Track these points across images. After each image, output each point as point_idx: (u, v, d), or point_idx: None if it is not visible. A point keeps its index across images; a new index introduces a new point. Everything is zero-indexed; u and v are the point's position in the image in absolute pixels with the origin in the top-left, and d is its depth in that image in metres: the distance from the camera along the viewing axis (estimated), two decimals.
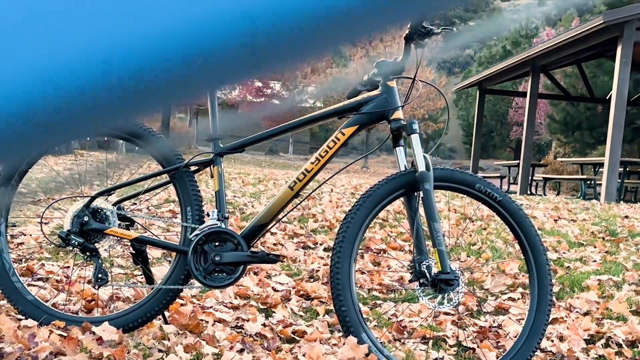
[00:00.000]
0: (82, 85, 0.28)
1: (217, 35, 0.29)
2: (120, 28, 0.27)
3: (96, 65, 0.27)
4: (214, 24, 0.28)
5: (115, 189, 3.04)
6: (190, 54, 0.28)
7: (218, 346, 2.92)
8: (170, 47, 0.28)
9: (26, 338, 2.68)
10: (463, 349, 3.28)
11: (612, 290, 4.46)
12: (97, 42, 0.27)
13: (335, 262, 2.80)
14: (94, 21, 0.27)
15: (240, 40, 0.29)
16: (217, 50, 0.29)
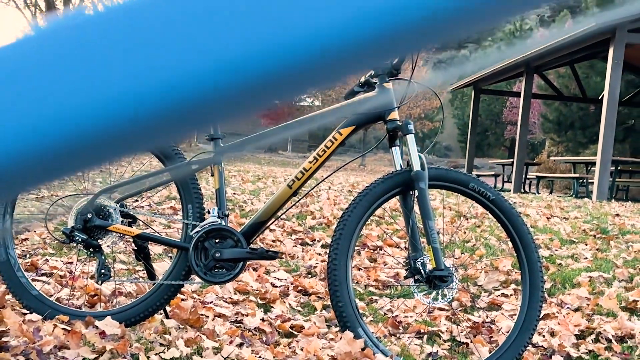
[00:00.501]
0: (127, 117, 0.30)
1: (237, 79, 0.30)
2: (153, 77, 0.28)
3: (133, 103, 0.29)
4: (236, 69, 0.30)
5: (118, 187, 3.05)
6: (212, 98, 0.30)
7: (218, 340, 2.93)
8: (197, 91, 0.30)
9: (31, 332, 2.69)
10: (457, 344, 3.29)
11: (602, 287, 4.48)
12: (139, 86, 0.28)
13: (333, 259, 2.81)
14: (137, 71, 0.29)
15: (260, 83, 0.31)
16: (235, 93, 0.31)
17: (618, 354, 3.25)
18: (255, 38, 0.30)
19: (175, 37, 0.30)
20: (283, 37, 0.31)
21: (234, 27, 0.30)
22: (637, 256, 5.46)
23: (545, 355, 3.17)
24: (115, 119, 0.29)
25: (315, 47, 0.32)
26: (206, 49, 0.29)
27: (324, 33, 0.32)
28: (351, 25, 0.32)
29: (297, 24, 0.31)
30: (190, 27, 0.29)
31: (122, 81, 0.29)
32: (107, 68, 0.29)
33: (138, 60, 0.30)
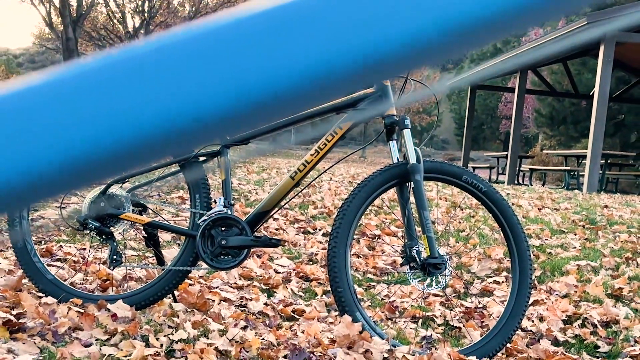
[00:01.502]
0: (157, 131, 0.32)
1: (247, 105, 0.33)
2: (174, 105, 0.31)
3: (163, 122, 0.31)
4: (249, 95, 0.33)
5: (129, 177, 3.07)
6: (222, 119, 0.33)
7: (223, 323, 2.95)
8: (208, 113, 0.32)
9: (47, 314, 2.71)
10: (450, 328, 3.32)
11: (589, 275, 4.50)
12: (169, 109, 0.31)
13: (332, 247, 2.83)
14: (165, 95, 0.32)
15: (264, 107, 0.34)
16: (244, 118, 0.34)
17: (603, 338, 3.28)
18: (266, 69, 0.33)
19: (194, 72, 0.33)
20: (291, 71, 0.33)
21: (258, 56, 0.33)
22: (624, 246, 5.47)
23: (534, 339, 3.19)
24: (151, 135, 0.32)
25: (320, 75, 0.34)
26: (220, 80, 0.32)
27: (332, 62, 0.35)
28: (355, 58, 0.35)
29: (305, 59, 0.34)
30: (209, 62, 0.32)
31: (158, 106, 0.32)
32: (145, 98, 0.32)
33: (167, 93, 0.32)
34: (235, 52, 0.33)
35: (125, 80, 0.32)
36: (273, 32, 0.33)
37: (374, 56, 0.35)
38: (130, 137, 0.31)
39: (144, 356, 2.40)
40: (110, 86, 0.31)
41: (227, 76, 0.33)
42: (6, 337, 2.48)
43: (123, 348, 2.49)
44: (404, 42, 0.36)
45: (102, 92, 0.31)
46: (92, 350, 2.44)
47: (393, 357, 2.65)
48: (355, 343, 2.70)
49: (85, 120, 0.30)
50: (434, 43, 0.37)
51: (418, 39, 0.36)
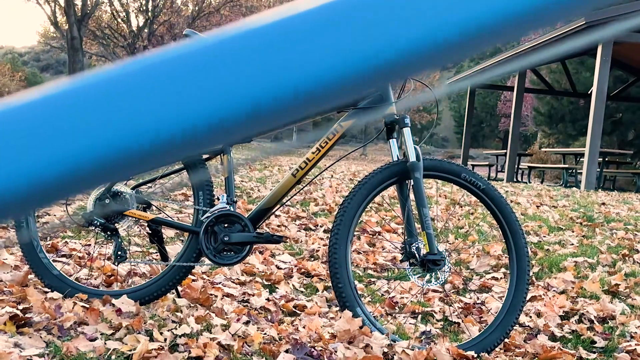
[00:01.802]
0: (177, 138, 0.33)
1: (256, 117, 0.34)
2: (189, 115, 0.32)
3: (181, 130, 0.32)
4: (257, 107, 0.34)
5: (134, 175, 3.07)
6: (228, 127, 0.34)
7: (226, 318, 2.96)
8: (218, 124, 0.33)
9: (52, 309, 2.72)
10: (449, 323, 3.32)
11: (586, 271, 4.50)
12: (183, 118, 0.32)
13: (333, 244, 2.83)
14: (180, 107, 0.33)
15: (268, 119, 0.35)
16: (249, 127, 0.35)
17: (599, 333, 3.29)
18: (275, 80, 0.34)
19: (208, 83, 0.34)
20: (297, 81, 0.34)
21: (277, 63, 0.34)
22: (621, 243, 5.48)
23: (531, 334, 3.20)
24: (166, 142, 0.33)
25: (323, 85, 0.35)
26: (230, 92, 0.33)
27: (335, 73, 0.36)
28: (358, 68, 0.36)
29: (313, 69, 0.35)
30: (224, 73, 0.33)
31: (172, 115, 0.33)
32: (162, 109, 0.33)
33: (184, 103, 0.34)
34: (250, 61, 0.34)
35: (142, 88, 0.33)
36: (287, 41, 0.35)
37: (381, 63, 0.36)
38: (147, 142, 0.32)
39: (148, 350, 2.41)
40: (128, 94, 0.33)
41: (241, 84, 0.34)
42: (13, 332, 2.49)
43: (127, 342, 2.51)
44: (409, 49, 0.37)
45: (121, 99, 0.32)
46: (97, 345, 2.45)
47: (393, 351, 2.66)
48: (355, 338, 2.70)
49: (104, 127, 0.31)
50: (437, 49, 0.38)
51: (422, 46, 0.37)
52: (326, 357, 2.53)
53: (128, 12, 27.72)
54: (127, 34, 26.97)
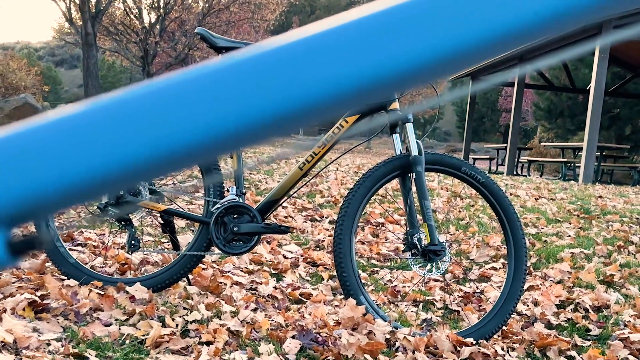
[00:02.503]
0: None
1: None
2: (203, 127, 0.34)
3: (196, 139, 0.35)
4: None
5: None
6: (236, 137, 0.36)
7: (235, 305, 2.98)
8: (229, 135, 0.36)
9: (69, 295, 2.74)
10: (449, 311, 3.34)
11: (583, 262, 4.51)
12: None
13: (338, 234, 2.85)
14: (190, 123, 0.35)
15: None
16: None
17: (594, 322, 3.30)
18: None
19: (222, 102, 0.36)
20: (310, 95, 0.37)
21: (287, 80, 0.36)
22: (616, 234, 5.49)
23: (528, 322, 3.21)
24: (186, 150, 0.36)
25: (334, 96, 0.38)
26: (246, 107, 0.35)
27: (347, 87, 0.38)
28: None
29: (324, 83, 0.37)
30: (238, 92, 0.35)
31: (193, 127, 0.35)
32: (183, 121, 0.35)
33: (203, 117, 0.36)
34: (277, 76, 0.36)
35: (174, 102, 0.35)
36: (310, 56, 0.37)
37: (394, 75, 0.39)
38: (176, 148, 0.35)
39: (160, 335, 2.43)
40: (160, 108, 0.35)
41: (267, 96, 0.36)
42: (31, 317, 2.52)
43: (141, 328, 2.53)
44: (412, 65, 0.39)
45: (157, 111, 0.35)
46: (112, 330, 2.48)
47: (395, 338, 2.67)
48: (359, 325, 2.72)
49: (141, 134, 0.34)
50: (437, 65, 0.40)
51: (423, 62, 0.39)
52: (331, 343, 2.55)
53: (140, 8, 27.69)
54: (139, 30, 26.93)
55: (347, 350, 2.47)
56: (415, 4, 0.38)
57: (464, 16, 0.38)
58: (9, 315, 2.44)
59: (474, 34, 0.39)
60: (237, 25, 28.87)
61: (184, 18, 26.83)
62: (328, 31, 0.38)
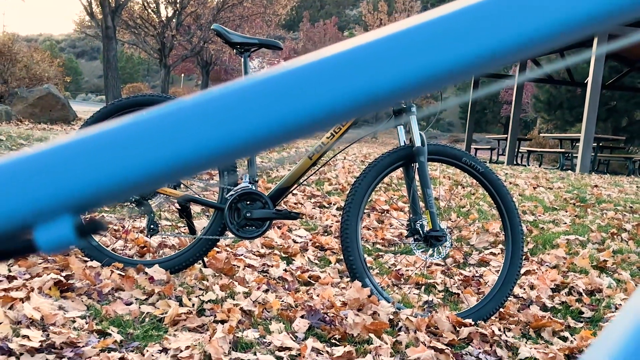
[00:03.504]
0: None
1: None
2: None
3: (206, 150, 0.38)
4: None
5: None
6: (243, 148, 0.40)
7: (247, 286, 3.01)
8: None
9: (92, 276, 2.78)
10: (450, 294, 3.36)
11: (577, 248, 4.52)
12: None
13: (345, 220, 2.87)
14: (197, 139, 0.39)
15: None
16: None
17: (587, 305, 3.33)
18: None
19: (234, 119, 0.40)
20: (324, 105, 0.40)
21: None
22: (610, 222, 5.49)
23: (524, 305, 3.24)
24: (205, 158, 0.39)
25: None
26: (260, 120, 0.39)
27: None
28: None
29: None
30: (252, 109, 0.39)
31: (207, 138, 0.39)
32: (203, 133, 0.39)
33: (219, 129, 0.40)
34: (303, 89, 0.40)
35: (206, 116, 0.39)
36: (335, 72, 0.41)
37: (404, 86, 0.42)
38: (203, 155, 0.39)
39: (178, 314, 2.47)
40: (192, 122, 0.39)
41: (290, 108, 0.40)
42: (57, 296, 2.56)
43: (159, 307, 2.56)
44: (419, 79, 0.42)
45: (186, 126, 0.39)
46: (132, 308, 2.52)
47: (398, 318, 2.70)
48: (364, 306, 2.75)
49: (175, 144, 0.38)
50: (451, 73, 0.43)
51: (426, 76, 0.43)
52: (338, 322, 2.58)
53: (158, 3, 27.64)
54: (156, 24, 26.91)
55: (352, 330, 2.50)
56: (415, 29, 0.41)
57: (467, 38, 0.41)
58: (36, 294, 2.49)
59: (472, 55, 0.42)
60: (250, 20, 28.79)
61: (199, 12, 26.80)
62: (346, 51, 0.41)
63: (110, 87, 20.96)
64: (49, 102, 13.07)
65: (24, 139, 7.41)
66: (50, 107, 13.05)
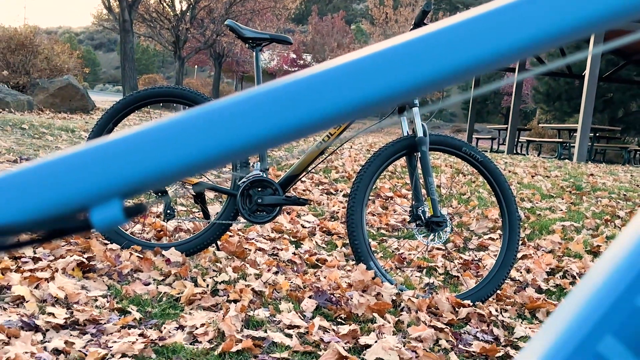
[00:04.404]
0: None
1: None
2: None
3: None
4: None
5: None
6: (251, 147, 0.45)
7: (258, 268, 3.04)
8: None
9: (112, 258, 2.83)
10: (450, 277, 3.39)
11: (572, 234, 4.54)
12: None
13: (351, 206, 2.90)
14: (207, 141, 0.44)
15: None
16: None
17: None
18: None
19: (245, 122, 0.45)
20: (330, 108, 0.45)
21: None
22: (604, 209, 5.51)
23: (521, 287, 3.26)
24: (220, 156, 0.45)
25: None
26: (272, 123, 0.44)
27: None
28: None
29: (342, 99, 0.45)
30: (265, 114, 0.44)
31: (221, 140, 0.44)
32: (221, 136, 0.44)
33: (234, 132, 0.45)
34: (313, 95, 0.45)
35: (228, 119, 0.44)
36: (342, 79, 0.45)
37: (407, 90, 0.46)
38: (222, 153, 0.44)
39: (193, 294, 2.51)
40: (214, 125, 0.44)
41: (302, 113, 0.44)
42: (80, 276, 2.61)
43: (176, 287, 2.61)
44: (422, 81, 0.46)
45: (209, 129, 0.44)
46: (150, 288, 2.56)
47: (400, 299, 2.73)
48: (368, 287, 2.78)
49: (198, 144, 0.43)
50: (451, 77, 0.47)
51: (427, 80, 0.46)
52: (343, 302, 2.61)
53: None
54: (171, 18, 26.86)
55: (357, 309, 2.53)
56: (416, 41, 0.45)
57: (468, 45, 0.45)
58: (60, 274, 2.53)
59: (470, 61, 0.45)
60: (261, 14, 28.72)
61: (212, 6, 26.74)
62: (357, 60, 0.45)
63: (127, 78, 20.97)
64: (69, 93, 13.11)
65: (46, 128, 7.46)
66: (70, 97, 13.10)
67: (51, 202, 0.44)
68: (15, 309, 2.19)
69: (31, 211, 0.44)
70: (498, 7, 0.45)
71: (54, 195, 0.44)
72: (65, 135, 7.28)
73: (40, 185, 0.44)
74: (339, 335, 2.28)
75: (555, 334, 0.41)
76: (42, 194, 0.44)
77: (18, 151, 5.51)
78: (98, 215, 0.45)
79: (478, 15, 0.45)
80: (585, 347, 0.39)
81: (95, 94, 26.44)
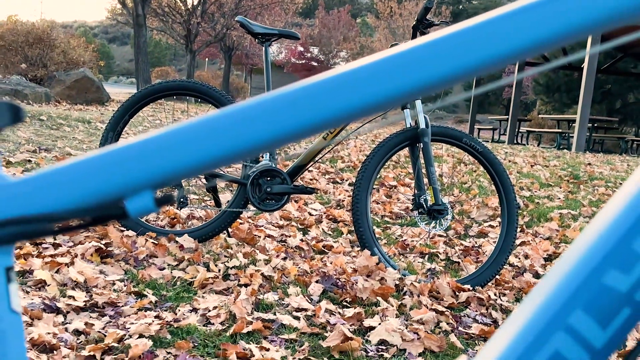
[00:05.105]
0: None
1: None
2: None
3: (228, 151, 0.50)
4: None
5: None
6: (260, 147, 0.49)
7: (268, 254, 3.07)
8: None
9: (129, 244, 2.86)
10: (450, 262, 3.41)
11: (569, 221, 4.55)
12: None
13: (356, 195, 2.93)
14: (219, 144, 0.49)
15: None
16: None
17: None
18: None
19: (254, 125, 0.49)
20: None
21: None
22: (601, 198, 5.51)
23: (519, 272, 3.28)
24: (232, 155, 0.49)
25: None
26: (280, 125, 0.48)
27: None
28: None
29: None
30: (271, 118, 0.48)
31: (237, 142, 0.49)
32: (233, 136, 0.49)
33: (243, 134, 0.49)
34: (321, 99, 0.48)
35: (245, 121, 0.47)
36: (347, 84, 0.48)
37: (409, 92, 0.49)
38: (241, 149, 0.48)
39: (205, 278, 2.54)
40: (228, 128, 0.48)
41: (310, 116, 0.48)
42: (98, 262, 2.64)
43: (189, 272, 2.64)
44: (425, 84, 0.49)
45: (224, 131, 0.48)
46: (165, 273, 2.59)
47: (403, 284, 2.76)
48: (373, 272, 2.81)
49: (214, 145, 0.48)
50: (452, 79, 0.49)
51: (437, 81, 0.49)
52: (349, 287, 2.64)
53: None
54: (183, 12, 26.81)
55: (362, 293, 2.56)
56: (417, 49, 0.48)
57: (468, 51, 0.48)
58: (79, 259, 2.57)
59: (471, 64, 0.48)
60: (270, 8, 28.64)
61: (222, 1, 26.67)
62: (366, 65, 0.49)
63: (140, 71, 20.99)
64: (85, 85, 13.14)
65: (63, 119, 7.49)
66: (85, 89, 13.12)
67: (93, 192, 0.49)
68: (38, 292, 2.23)
69: (76, 200, 0.49)
70: (501, 14, 0.47)
71: (95, 187, 0.49)
72: (82, 126, 7.31)
73: (83, 178, 0.49)
74: (345, 317, 2.32)
75: (531, 308, 0.44)
76: (85, 186, 0.49)
77: (37, 141, 5.55)
78: (132, 204, 0.50)
79: (479, 23, 0.48)
80: (558, 319, 0.42)
81: (109, 86, 26.48)
